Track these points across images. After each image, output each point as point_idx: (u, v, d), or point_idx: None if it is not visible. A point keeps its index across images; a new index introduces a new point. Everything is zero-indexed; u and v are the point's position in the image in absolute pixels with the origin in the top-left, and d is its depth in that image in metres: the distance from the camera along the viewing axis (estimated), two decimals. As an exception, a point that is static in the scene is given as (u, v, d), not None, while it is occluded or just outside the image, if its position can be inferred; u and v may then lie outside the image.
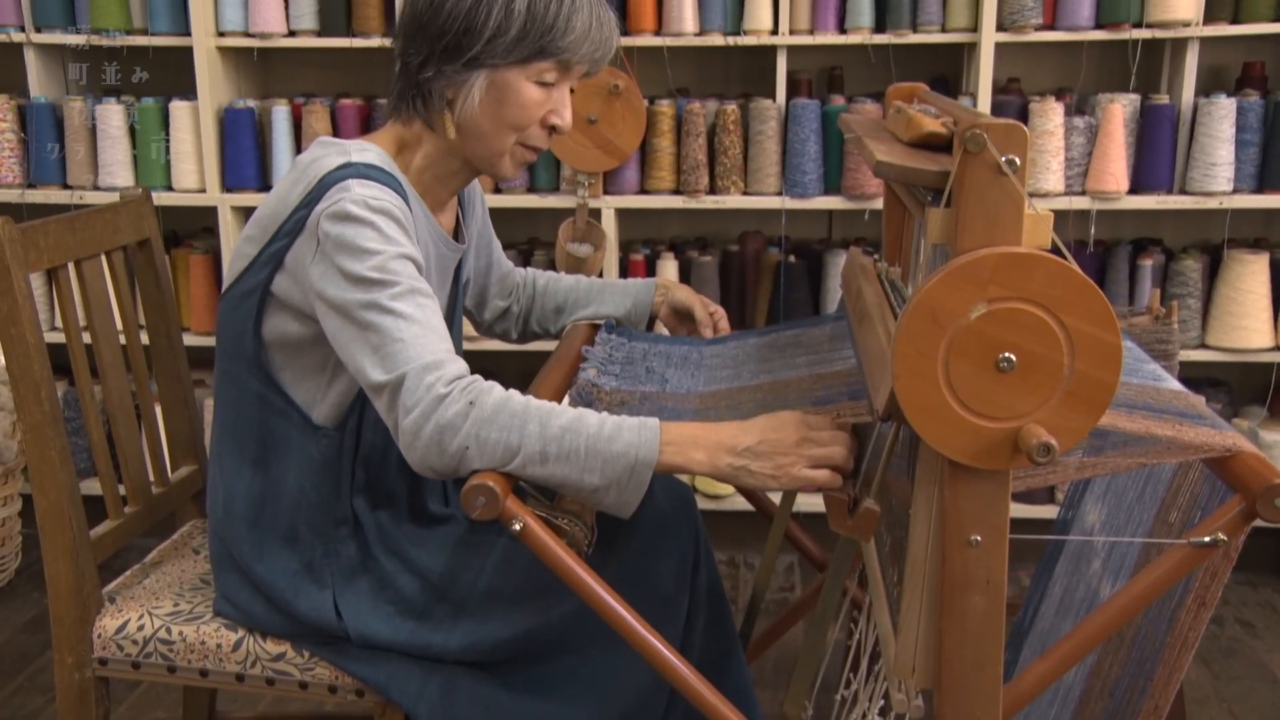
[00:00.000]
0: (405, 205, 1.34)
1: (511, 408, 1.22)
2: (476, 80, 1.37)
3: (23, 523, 2.74)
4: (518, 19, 1.34)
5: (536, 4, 1.34)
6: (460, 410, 1.21)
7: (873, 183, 2.56)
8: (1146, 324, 1.58)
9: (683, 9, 2.57)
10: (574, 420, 1.23)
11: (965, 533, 1.04)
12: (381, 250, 1.27)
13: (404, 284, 1.27)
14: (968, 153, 0.95)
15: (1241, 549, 1.12)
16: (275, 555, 1.43)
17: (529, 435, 1.21)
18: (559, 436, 1.22)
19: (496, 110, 1.38)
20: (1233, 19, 2.51)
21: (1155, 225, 2.84)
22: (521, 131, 1.41)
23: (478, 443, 1.21)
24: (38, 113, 2.70)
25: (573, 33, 1.36)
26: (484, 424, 1.21)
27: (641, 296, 1.76)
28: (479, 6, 1.33)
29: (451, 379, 1.23)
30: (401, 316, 1.25)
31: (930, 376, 0.99)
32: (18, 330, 1.42)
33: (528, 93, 1.38)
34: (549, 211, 2.73)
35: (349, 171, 1.32)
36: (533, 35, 1.34)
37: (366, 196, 1.29)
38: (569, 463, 1.22)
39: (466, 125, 1.40)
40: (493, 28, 1.33)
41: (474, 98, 1.37)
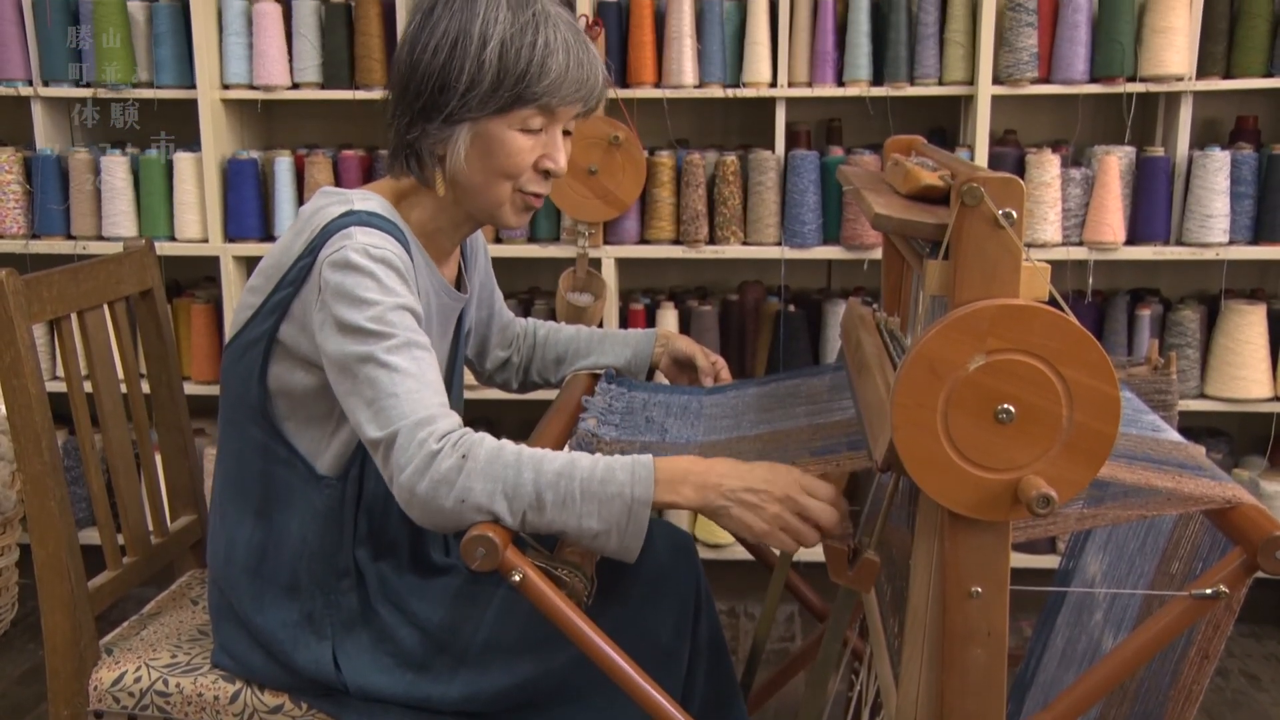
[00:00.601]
0: (406, 254, 1.35)
1: (504, 458, 1.22)
2: (460, 135, 1.36)
3: (20, 573, 2.73)
4: (489, 69, 1.32)
5: (508, 52, 1.33)
6: (453, 465, 1.21)
7: (871, 233, 2.58)
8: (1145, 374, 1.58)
9: (682, 61, 2.61)
10: (566, 465, 1.23)
11: (966, 584, 1.04)
12: (380, 301, 1.28)
13: (400, 336, 1.27)
14: (965, 206, 0.96)
15: (1246, 601, 1.12)
16: (275, 605, 1.42)
17: (523, 484, 1.21)
18: (553, 483, 1.22)
19: (485, 162, 1.38)
20: (1225, 74, 2.54)
21: (1152, 276, 2.86)
22: (515, 179, 1.40)
23: (473, 495, 1.21)
24: (43, 164, 2.73)
25: (548, 76, 1.34)
26: (478, 476, 1.21)
27: (642, 347, 1.76)
28: (451, 62, 1.33)
29: (443, 434, 1.23)
30: (396, 371, 1.25)
31: (929, 428, 0.99)
32: (20, 381, 1.43)
33: (514, 141, 1.37)
34: (549, 261, 2.75)
35: (351, 219, 1.33)
36: (507, 84, 1.33)
37: (368, 244, 1.30)
38: (566, 509, 1.22)
39: (458, 180, 1.40)
40: (466, 81, 1.33)
41: (460, 152, 1.37)
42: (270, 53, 2.67)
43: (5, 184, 2.74)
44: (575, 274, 2.64)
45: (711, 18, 2.60)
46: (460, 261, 1.59)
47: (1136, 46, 2.52)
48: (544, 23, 1.34)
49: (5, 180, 2.74)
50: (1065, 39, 2.53)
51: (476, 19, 1.33)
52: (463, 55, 1.33)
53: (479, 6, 1.34)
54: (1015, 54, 2.53)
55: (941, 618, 1.06)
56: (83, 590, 1.48)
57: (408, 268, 1.34)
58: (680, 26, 2.60)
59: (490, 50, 1.32)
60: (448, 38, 1.33)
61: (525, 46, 1.33)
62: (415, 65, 1.36)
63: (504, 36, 1.32)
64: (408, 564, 1.49)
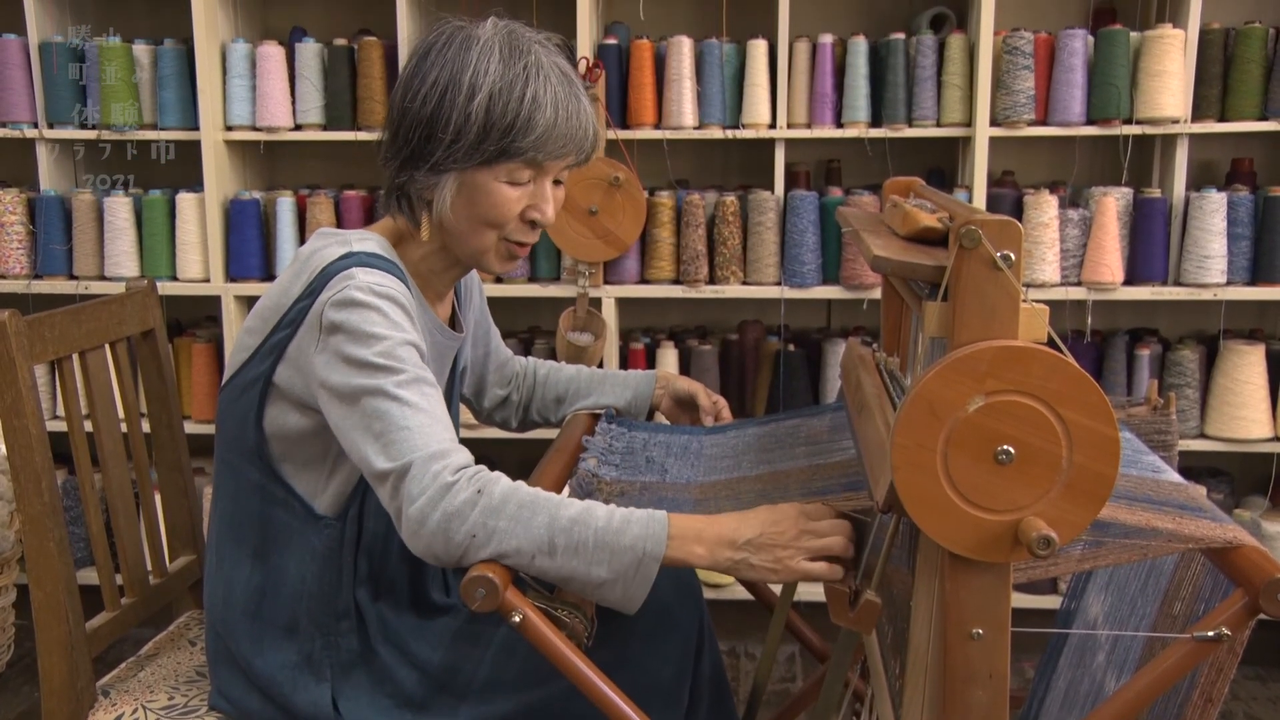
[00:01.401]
0: (408, 292, 1.36)
1: (520, 498, 1.22)
2: (446, 183, 1.36)
3: (17, 614, 2.71)
4: (475, 122, 1.32)
5: (495, 106, 1.32)
6: (468, 498, 1.20)
7: (871, 273, 2.59)
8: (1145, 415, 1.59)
9: (682, 103, 2.63)
10: (582, 512, 1.22)
11: (967, 626, 1.04)
12: (388, 336, 1.28)
13: (409, 372, 1.27)
14: (963, 248, 0.97)
15: (1250, 642, 1.12)
16: (275, 648, 1.42)
17: (537, 526, 1.21)
18: (568, 528, 1.21)
19: (470, 210, 1.38)
20: (1219, 117, 2.56)
21: (1151, 316, 2.87)
22: (501, 229, 1.40)
23: (485, 531, 1.20)
24: (47, 205, 2.74)
25: (534, 132, 1.33)
26: (492, 513, 1.20)
27: (642, 388, 1.77)
28: (439, 111, 1.32)
29: (458, 467, 1.23)
30: (407, 404, 1.25)
31: (929, 469, 1.00)
32: (21, 422, 1.43)
33: (500, 192, 1.37)
34: (550, 300, 2.76)
35: (352, 260, 1.33)
36: (493, 137, 1.32)
37: (371, 283, 1.30)
38: (577, 555, 1.21)
39: (445, 225, 1.41)
40: (452, 132, 1.32)
41: (446, 200, 1.37)
42: (273, 94, 2.70)
43: (9, 225, 2.75)
44: (575, 313, 2.65)
45: (711, 60, 2.63)
46: (454, 301, 1.60)
47: (1132, 89, 2.55)
48: (534, 75, 1.33)
49: (9, 221, 2.75)
50: (1062, 82, 2.55)
51: (467, 69, 1.32)
52: (450, 105, 1.32)
53: (471, 56, 1.33)
54: (1012, 96, 2.56)
55: (943, 659, 1.05)
56: (80, 632, 1.48)
57: (410, 305, 1.34)
58: (680, 69, 2.62)
59: (478, 103, 1.31)
60: (437, 87, 1.33)
61: (513, 100, 1.32)
62: (405, 111, 1.36)
63: (492, 89, 1.32)
64: (407, 604, 1.49)
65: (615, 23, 2.79)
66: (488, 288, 2.68)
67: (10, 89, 2.73)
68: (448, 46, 1.35)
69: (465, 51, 1.34)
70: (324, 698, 1.39)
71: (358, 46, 2.72)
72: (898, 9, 2.86)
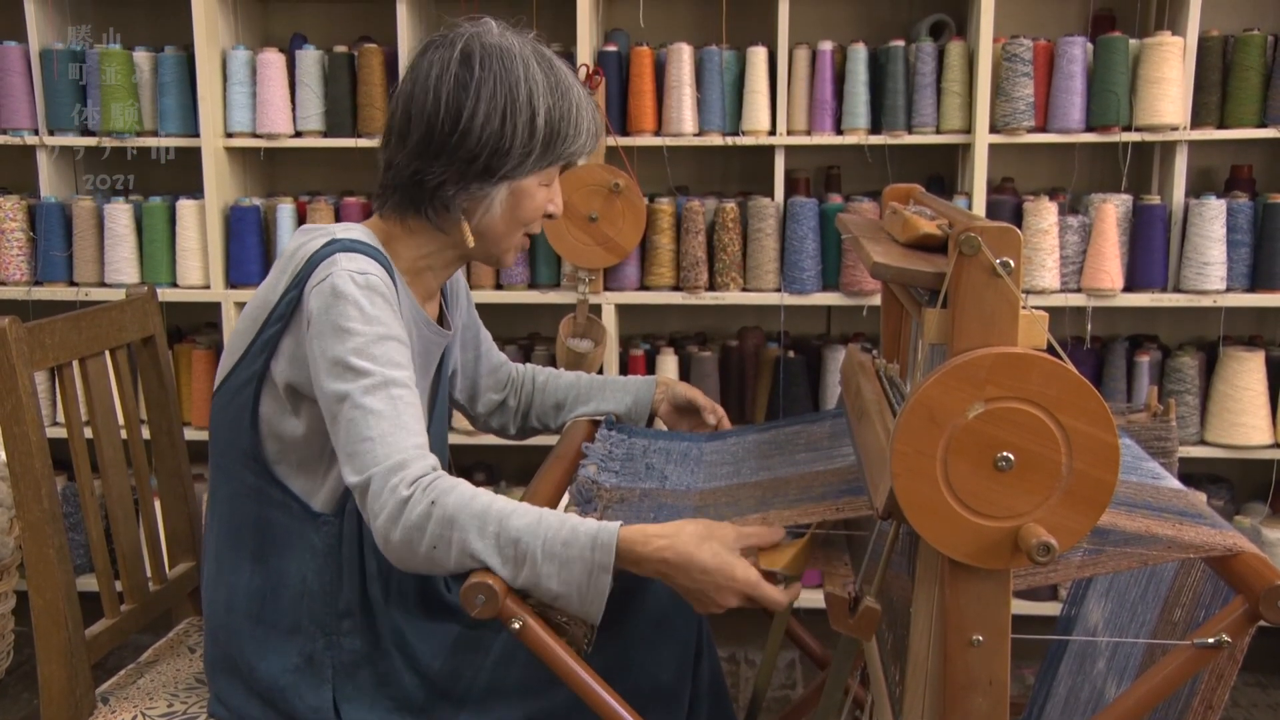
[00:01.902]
0: (390, 280, 1.36)
1: (473, 508, 1.22)
2: (499, 193, 1.42)
3: (16, 620, 2.71)
4: (540, 134, 1.39)
5: (553, 118, 1.40)
6: (423, 511, 1.22)
7: (870, 280, 2.59)
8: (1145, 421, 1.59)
9: (682, 110, 2.63)
10: (532, 524, 1.22)
11: (967, 633, 1.04)
12: (362, 331, 1.29)
13: (377, 375, 1.28)
14: (963, 255, 0.97)
15: (1251, 649, 1.12)
16: (277, 651, 1.41)
17: (487, 537, 1.22)
18: (515, 540, 1.21)
19: (513, 214, 1.45)
20: (1219, 124, 2.57)
21: (1151, 322, 2.87)
22: (528, 225, 1.48)
23: (444, 542, 1.22)
24: (47, 212, 2.75)
25: (581, 136, 1.43)
26: (446, 524, 1.21)
27: (642, 393, 1.77)
28: (504, 128, 1.37)
29: (414, 479, 1.24)
30: (370, 413, 1.26)
31: (929, 475, 1.00)
32: (21, 429, 1.43)
33: (539, 195, 1.45)
34: (550, 307, 2.76)
35: (335, 247, 1.35)
36: (555, 144, 1.41)
37: (353, 270, 1.32)
38: (528, 566, 1.21)
39: (483, 231, 1.45)
40: (520, 146, 1.39)
41: (495, 209, 1.43)
42: (274, 101, 2.70)
43: (9, 231, 2.76)
44: (575, 320, 2.65)
45: (710, 67, 2.63)
46: (441, 301, 1.60)
47: (1131, 97, 2.55)
48: (569, 84, 1.42)
49: (9, 228, 2.76)
50: (1061, 89, 2.55)
51: (520, 84, 1.37)
52: (512, 120, 1.37)
53: (516, 70, 1.38)
54: (1012, 103, 2.56)
55: (943, 666, 1.05)
56: (80, 639, 1.47)
57: (392, 293, 1.35)
58: (680, 76, 2.62)
59: (540, 119, 1.38)
60: (497, 104, 1.37)
61: (565, 109, 1.41)
62: (468, 130, 1.37)
63: (549, 103, 1.39)
64: (415, 603, 1.48)
65: (615, 29, 2.80)
66: (488, 293, 2.69)
67: (11, 95, 2.73)
68: (486, 60, 1.38)
69: (508, 67, 1.38)
70: (325, 701, 1.39)
71: (358, 53, 2.72)
72: (897, 16, 2.86)
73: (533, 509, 1.25)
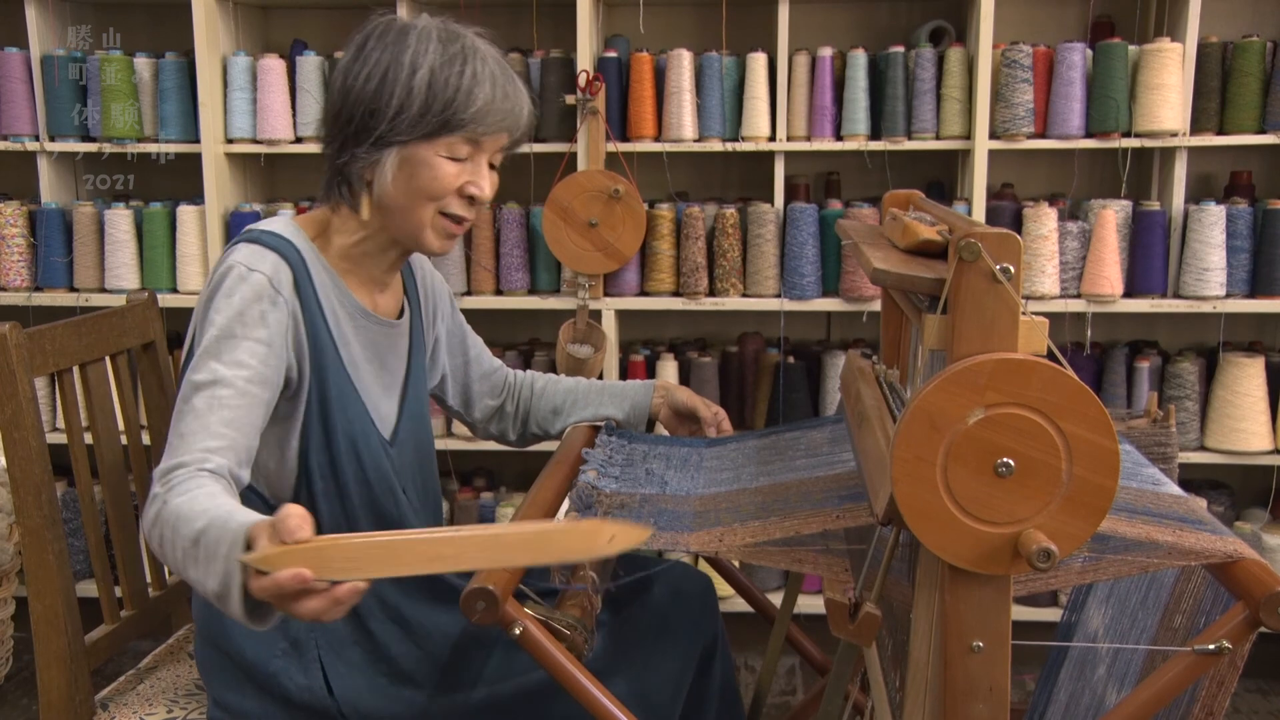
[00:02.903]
0: (291, 269, 1.37)
1: (181, 511, 1.17)
2: (388, 158, 1.39)
3: (15, 626, 2.71)
4: (418, 96, 1.36)
5: (436, 80, 1.37)
6: (156, 510, 1.21)
7: (870, 285, 2.59)
8: (1145, 427, 1.59)
9: (682, 116, 2.63)
10: (204, 528, 1.14)
11: (967, 639, 1.04)
12: (219, 325, 1.31)
13: (209, 372, 1.29)
14: (963, 261, 0.97)
15: (1252, 655, 1.12)
16: (263, 637, 1.40)
17: (181, 539, 1.16)
18: (191, 544, 1.15)
19: (409, 184, 1.40)
20: (1218, 130, 2.57)
21: (1150, 328, 2.87)
22: (439, 201, 1.42)
23: (159, 542, 1.20)
24: (48, 218, 2.75)
25: (474, 104, 1.38)
26: (163, 524, 1.18)
27: (640, 398, 1.77)
28: (382, 87, 1.37)
29: (168, 475, 1.23)
30: (190, 410, 1.28)
31: (929, 481, 1.00)
32: (21, 434, 1.43)
33: (440, 166, 1.40)
34: (550, 313, 2.76)
35: (244, 237, 1.39)
36: (434, 110, 1.37)
37: (242, 262, 1.35)
38: (198, 568, 1.14)
39: (384, 202, 1.42)
40: (395, 106, 1.37)
41: (387, 175, 1.40)
42: (274, 107, 2.70)
43: (10, 237, 2.76)
44: (575, 325, 2.65)
45: (710, 73, 2.64)
46: (405, 297, 1.59)
47: (1131, 103, 2.55)
48: (472, 55, 1.39)
49: (10, 234, 2.76)
50: (1060, 95, 2.56)
51: (407, 50, 1.38)
52: (393, 82, 1.37)
53: (410, 39, 1.39)
54: (1011, 109, 2.56)
55: (943, 672, 1.05)
56: (79, 645, 1.47)
57: (282, 286, 1.36)
58: (680, 82, 2.63)
59: (420, 77, 1.37)
60: (380, 66, 1.38)
61: (454, 75, 1.37)
62: (347, 92, 1.40)
63: (433, 65, 1.37)
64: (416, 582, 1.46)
65: (615, 36, 2.80)
66: (488, 299, 2.70)
67: (12, 102, 2.73)
68: (386, 33, 1.40)
69: (404, 36, 1.39)
70: (316, 680, 1.40)
71: (358, 59, 2.72)
72: (897, 22, 2.86)
73: (215, 513, 1.16)
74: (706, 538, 1.28)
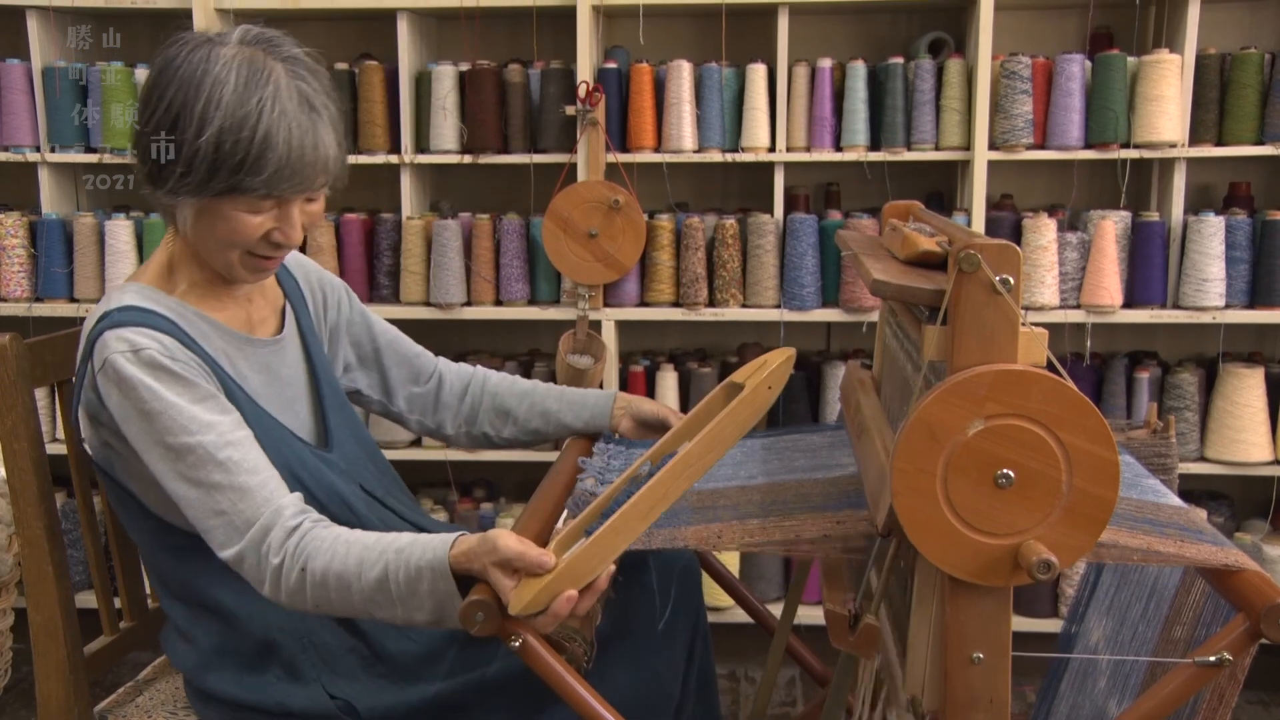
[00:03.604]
0: (166, 334, 1.32)
1: (335, 569, 1.23)
2: (185, 206, 1.33)
3: (14, 637, 2.70)
4: (204, 159, 1.27)
5: (225, 142, 1.26)
6: (298, 578, 1.24)
7: (870, 296, 2.59)
8: (1145, 437, 1.59)
9: (682, 127, 2.64)
10: (380, 576, 1.22)
11: (967, 650, 1.04)
12: (163, 410, 1.27)
13: (198, 449, 1.26)
14: (962, 272, 0.97)
15: (1254, 668, 1.11)
16: (256, 670, 1.40)
17: (355, 594, 1.24)
18: (373, 594, 1.23)
19: (209, 233, 1.34)
20: (1217, 141, 2.57)
21: (1150, 339, 2.87)
22: (243, 249, 1.35)
23: (326, 603, 1.25)
24: (48, 228, 2.75)
25: (265, 170, 1.27)
26: (320, 587, 1.24)
27: (600, 408, 1.71)
28: (164, 142, 1.29)
29: (280, 545, 1.25)
30: (211, 488, 1.26)
31: (929, 493, 1.00)
32: (20, 445, 1.43)
33: (238, 219, 1.32)
34: (549, 323, 2.76)
35: (103, 325, 1.31)
36: (221, 175, 1.27)
37: (123, 351, 1.28)
38: (401, 609, 1.23)
39: (193, 241, 1.37)
40: (181, 166, 1.28)
41: (186, 221, 1.35)
42: (275, 118, 2.70)
43: (10, 248, 2.76)
44: (575, 336, 2.66)
45: (710, 84, 2.64)
46: (286, 300, 1.55)
47: (1130, 114, 2.56)
48: (269, 109, 1.27)
49: (10, 244, 2.76)
50: (1060, 106, 2.56)
51: (200, 97, 1.27)
52: (180, 138, 1.27)
53: (205, 82, 1.27)
54: (1011, 120, 2.57)
55: (944, 683, 1.05)
56: (78, 656, 1.47)
57: (173, 346, 1.31)
58: (679, 93, 2.63)
59: (206, 139, 1.26)
60: (169, 114, 1.28)
61: (243, 140, 1.26)
62: (140, 134, 1.32)
63: (222, 124, 1.26)
64: None
65: (615, 47, 2.81)
66: (488, 309, 2.69)
67: (13, 113, 2.74)
68: (185, 64, 1.29)
69: (201, 72, 1.28)
70: (317, 693, 1.39)
71: (359, 70, 2.73)
72: (896, 34, 2.87)
73: (378, 551, 1.23)
74: (705, 533, 1.28)
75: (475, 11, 2.70)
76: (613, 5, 2.65)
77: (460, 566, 1.21)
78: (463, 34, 2.73)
